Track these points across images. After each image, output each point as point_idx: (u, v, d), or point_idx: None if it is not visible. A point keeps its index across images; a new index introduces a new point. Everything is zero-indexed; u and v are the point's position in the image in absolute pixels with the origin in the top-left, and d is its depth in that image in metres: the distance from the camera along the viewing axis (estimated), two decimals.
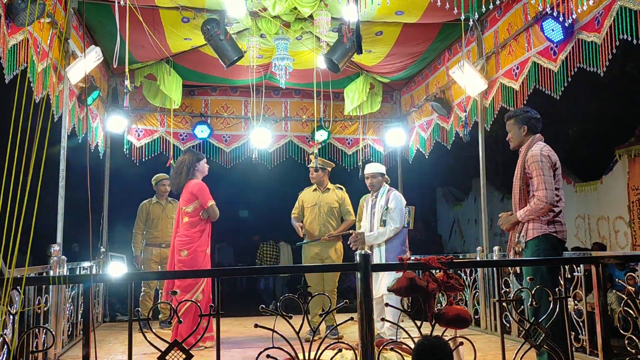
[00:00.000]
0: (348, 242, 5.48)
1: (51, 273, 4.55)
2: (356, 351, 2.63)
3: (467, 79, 5.85)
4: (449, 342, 2.82)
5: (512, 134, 3.97)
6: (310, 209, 5.98)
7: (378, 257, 5.16)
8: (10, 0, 3.93)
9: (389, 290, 2.74)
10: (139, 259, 6.79)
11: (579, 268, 4.40)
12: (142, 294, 6.73)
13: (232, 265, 14.09)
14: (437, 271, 2.79)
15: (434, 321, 2.73)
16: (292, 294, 2.70)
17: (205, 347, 5.03)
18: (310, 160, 5.99)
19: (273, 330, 2.56)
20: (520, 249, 3.75)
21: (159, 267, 6.80)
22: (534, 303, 2.95)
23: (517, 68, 5.40)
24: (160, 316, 6.76)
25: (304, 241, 5.95)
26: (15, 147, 2.23)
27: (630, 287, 4.03)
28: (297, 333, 2.58)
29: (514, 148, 3.97)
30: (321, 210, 5.92)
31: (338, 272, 5.91)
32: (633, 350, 3.63)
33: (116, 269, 6.88)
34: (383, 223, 5.18)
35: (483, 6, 4.34)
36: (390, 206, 5.17)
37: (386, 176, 5.53)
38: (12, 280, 2.38)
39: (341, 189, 6.15)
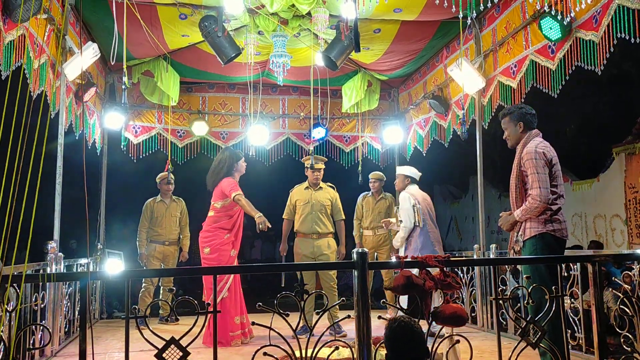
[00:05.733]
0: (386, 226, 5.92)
1: (48, 270, 4.54)
2: (353, 348, 2.64)
3: (465, 76, 5.85)
4: (446, 340, 2.83)
5: (509, 132, 3.94)
6: (302, 206, 5.98)
7: None
8: None
9: (385, 288, 2.74)
10: (144, 257, 6.81)
11: (575, 266, 4.41)
12: (142, 289, 6.74)
13: None
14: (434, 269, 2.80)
15: (431, 319, 2.73)
16: (289, 292, 2.70)
17: (242, 343, 5.16)
18: (314, 164, 6.01)
19: (270, 328, 2.56)
20: (519, 248, 3.74)
21: (161, 263, 6.81)
22: (531, 301, 2.95)
23: (515, 66, 5.41)
24: (160, 312, 6.77)
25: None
26: (12, 143, 2.22)
27: (626, 285, 4.04)
28: (294, 331, 2.59)
29: (512, 146, 3.93)
30: (313, 208, 5.94)
31: (332, 270, 5.89)
32: (629, 349, 3.64)
33: (113, 265, 6.88)
34: (400, 223, 5.43)
35: (481, 4, 4.33)
36: (399, 207, 5.42)
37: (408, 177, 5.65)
38: (10, 277, 2.37)
39: (333, 187, 6.17)
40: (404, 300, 3.23)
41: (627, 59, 10.14)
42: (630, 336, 3.68)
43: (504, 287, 5.49)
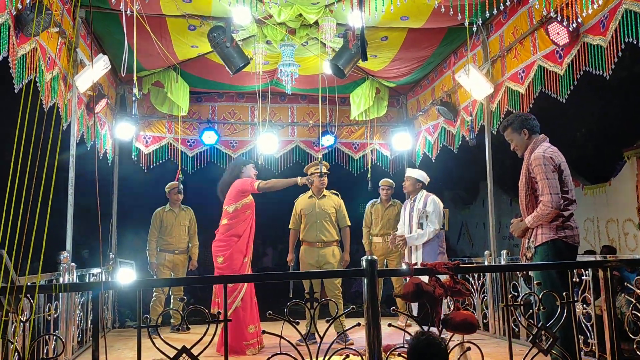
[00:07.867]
0: (392, 244, 5.81)
1: (61, 280, 4.58)
2: (363, 357, 2.64)
3: (473, 82, 5.85)
4: (457, 347, 2.83)
5: (516, 142, 3.91)
6: (307, 216, 5.95)
7: (416, 260, 5.49)
8: (19, 10, 3.99)
9: (395, 296, 2.75)
10: (154, 266, 6.85)
11: (587, 272, 4.37)
12: (153, 298, 6.77)
13: None
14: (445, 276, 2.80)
15: (441, 326, 2.73)
16: (300, 300, 2.71)
17: (253, 354, 5.10)
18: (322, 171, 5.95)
19: (280, 337, 2.57)
20: (530, 255, 3.71)
21: (171, 272, 6.84)
22: (542, 308, 2.94)
23: (523, 72, 5.40)
24: (172, 321, 6.79)
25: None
26: (26, 155, 2.26)
27: (639, 291, 4.00)
28: (305, 339, 2.60)
29: (522, 155, 3.91)
30: (318, 216, 5.89)
31: (341, 277, 5.87)
32: None
33: (125, 275, 6.92)
34: (420, 226, 5.53)
35: (487, 11, 4.35)
36: (428, 209, 5.53)
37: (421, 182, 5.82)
38: (24, 288, 2.41)
39: (337, 194, 6.14)
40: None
41: (637, 61, 10.07)
42: None
43: (516, 294, 5.45)
